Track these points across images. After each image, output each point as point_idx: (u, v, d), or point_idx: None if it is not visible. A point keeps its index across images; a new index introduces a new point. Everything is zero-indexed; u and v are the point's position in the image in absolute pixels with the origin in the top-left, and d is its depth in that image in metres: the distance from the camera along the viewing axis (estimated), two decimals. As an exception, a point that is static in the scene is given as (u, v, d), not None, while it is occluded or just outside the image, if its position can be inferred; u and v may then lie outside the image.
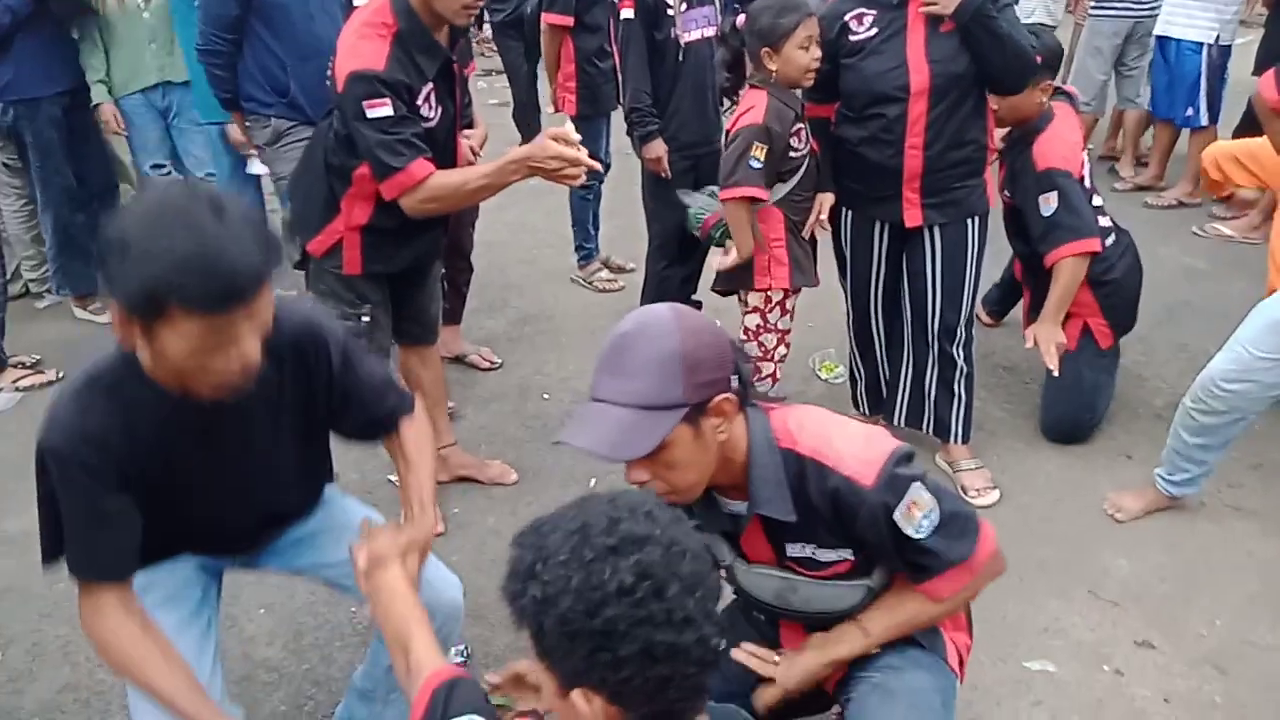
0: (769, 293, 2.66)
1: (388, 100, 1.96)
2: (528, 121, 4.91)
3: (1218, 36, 4.58)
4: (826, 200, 2.66)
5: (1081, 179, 2.81)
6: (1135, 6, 4.94)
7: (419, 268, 2.46)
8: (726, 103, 2.96)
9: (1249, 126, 4.27)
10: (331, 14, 2.91)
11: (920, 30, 2.39)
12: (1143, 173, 5.17)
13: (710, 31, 3.11)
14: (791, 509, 1.33)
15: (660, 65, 3.13)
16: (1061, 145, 2.78)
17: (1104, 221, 2.88)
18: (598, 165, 2.06)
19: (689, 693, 0.90)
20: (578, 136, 1.90)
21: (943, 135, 2.44)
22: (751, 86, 2.57)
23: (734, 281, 2.71)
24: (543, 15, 3.83)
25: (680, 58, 3.11)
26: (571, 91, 3.80)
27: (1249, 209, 4.46)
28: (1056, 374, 2.73)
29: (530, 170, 1.94)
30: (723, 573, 1.46)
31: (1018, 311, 3.41)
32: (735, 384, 1.30)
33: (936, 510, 1.30)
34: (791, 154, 2.55)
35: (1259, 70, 4.38)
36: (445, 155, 2.20)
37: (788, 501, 1.33)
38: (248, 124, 3.05)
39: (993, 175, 2.69)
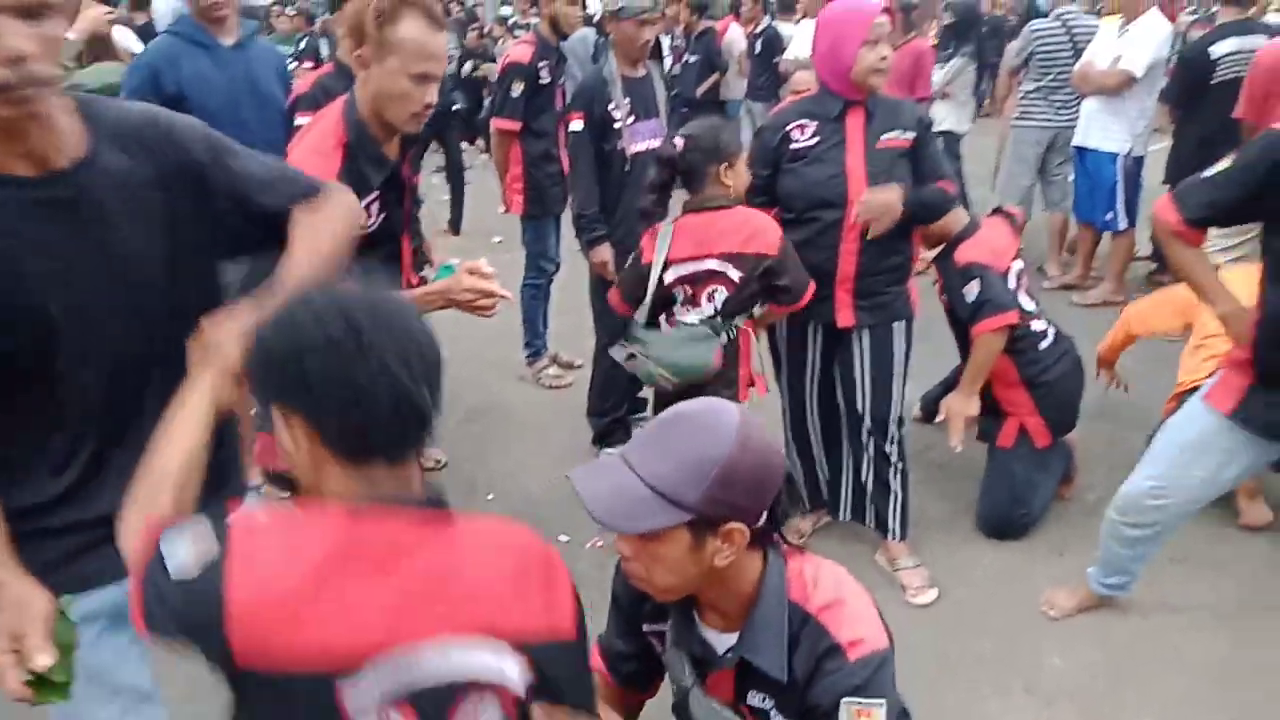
0: None
1: None
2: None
3: (1130, 148, 4.89)
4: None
5: (1005, 274, 2.96)
6: (1055, 118, 5.29)
7: None
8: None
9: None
10: (267, 122, 2.88)
11: (859, 142, 2.55)
12: (1073, 272, 5.42)
13: (655, 143, 3.24)
14: (784, 667, 1.28)
15: (607, 174, 3.26)
16: (983, 245, 2.97)
17: (1039, 325, 3.04)
18: (510, 296, 2.09)
19: (392, 440, 0.97)
20: (492, 270, 1.94)
21: (875, 241, 2.56)
22: (713, 210, 2.50)
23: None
24: (492, 120, 4.00)
25: (627, 167, 3.25)
26: (519, 192, 3.95)
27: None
28: (958, 449, 2.85)
29: (446, 302, 1.95)
30: (675, 690, 1.45)
31: None
32: (762, 520, 1.26)
33: None
34: None
35: (1168, 179, 4.68)
36: (388, 262, 2.24)
37: (783, 658, 1.28)
38: None
39: (918, 283, 2.82)
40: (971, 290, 2.89)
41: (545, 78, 3.81)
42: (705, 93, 7.48)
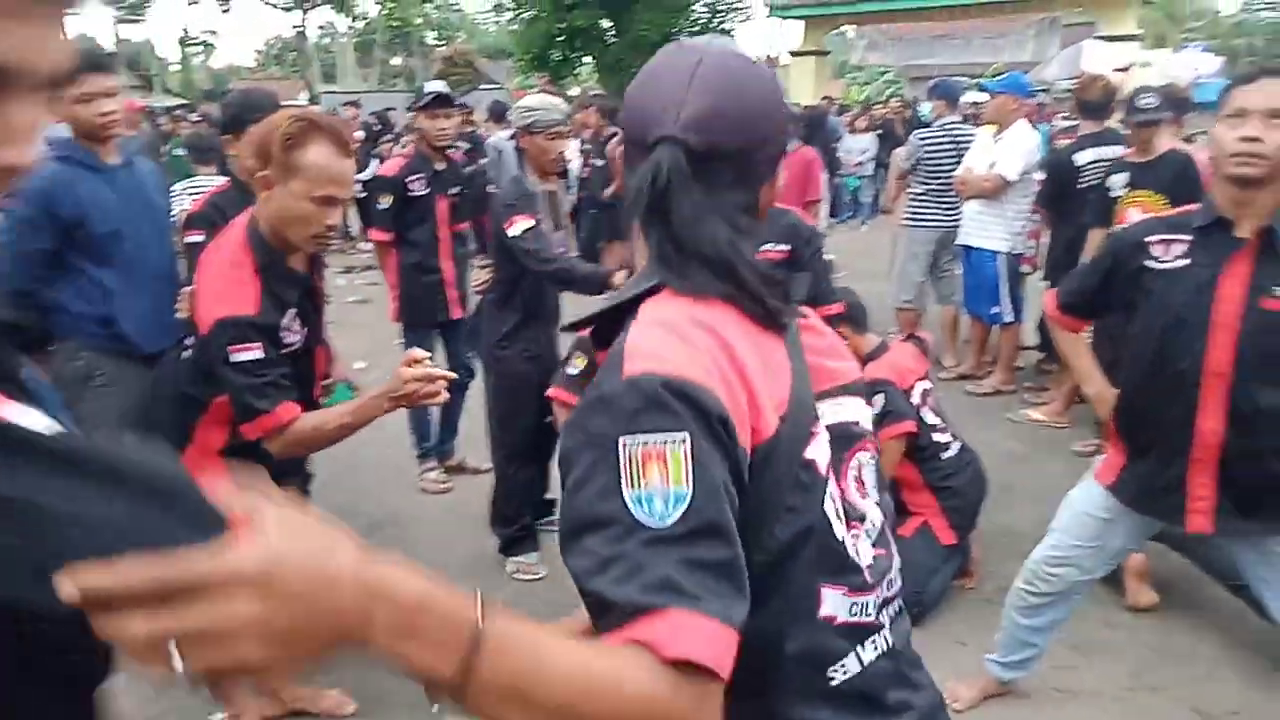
0: None
1: (258, 345, 1.95)
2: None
3: (1011, 246, 5.21)
4: None
5: (909, 392, 3.16)
6: (944, 218, 5.63)
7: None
8: None
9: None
10: (163, 240, 2.87)
11: None
12: (967, 362, 5.67)
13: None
14: None
15: (526, 282, 3.27)
16: (887, 364, 3.18)
17: (943, 437, 3.23)
18: (453, 375, 2.09)
19: None
20: (426, 354, 1.94)
21: None
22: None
23: None
24: (369, 230, 4.10)
25: None
26: (395, 300, 4.06)
27: (1056, 396, 4.93)
28: None
29: (392, 403, 1.94)
30: None
31: None
32: None
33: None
34: None
35: (1046, 275, 4.98)
36: (306, 371, 2.22)
37: None
38: (53, 355, 2.80)
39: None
40: (877, 404, 3.06)
41: (417, 190, 3.89)
42: (613, 195, 7.68)
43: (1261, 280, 1.98)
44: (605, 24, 20.57)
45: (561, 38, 20.35)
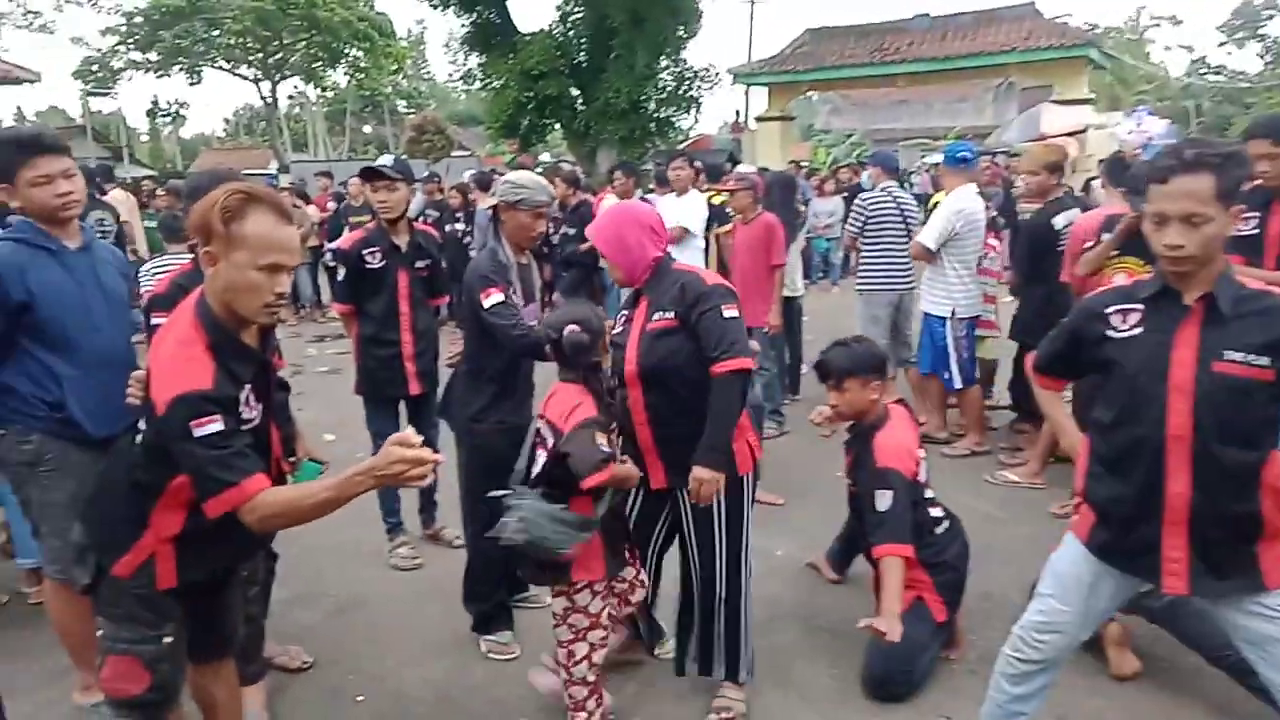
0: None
1: (217, 417, 1.91)
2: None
3: (954, 311, 5.28)
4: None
5: (915, 476, 3.10)
6: (895, 280, 5.76)
7: (229, 571, 2.32)
8: None
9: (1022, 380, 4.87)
10: (120, 324, 2.80)
11: (639, 323, 2.76)
12: (932, 422, 5.68)
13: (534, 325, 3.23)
14: None
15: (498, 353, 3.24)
16: (898, 446, 3.10)
17: (936, 512, 3.19)
18: (442, 458, 2.04)
19: None
20: (419, 438, 1.88)
21: (663, 415, 2.74)
22: (564, 381, 2.69)
23: (550, 576, 2.67)
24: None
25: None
26: (357, 372, 4.04)
27: (1031, 456, 4.94)
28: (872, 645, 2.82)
29: (377, 480, 1.87)
30: None
31: (856, 568, 3.63)
32: None
33: None
34: (610, 435, 2.67)
35: (1013, 334, 5.04)
36: (264, 449, 2.15)
37: None
38: (3, 438, 2.71)
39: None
40: (884, 499, 2.99)
41: (372, 263, 3.86)
42: (582, 255, 7.74)
43: (1209, 344, 2.04)
44: (574, 92, 20.93)
45: (531, 105, 20.64)
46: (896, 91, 19.87)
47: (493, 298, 3.13)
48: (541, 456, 2.61)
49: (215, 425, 1.89)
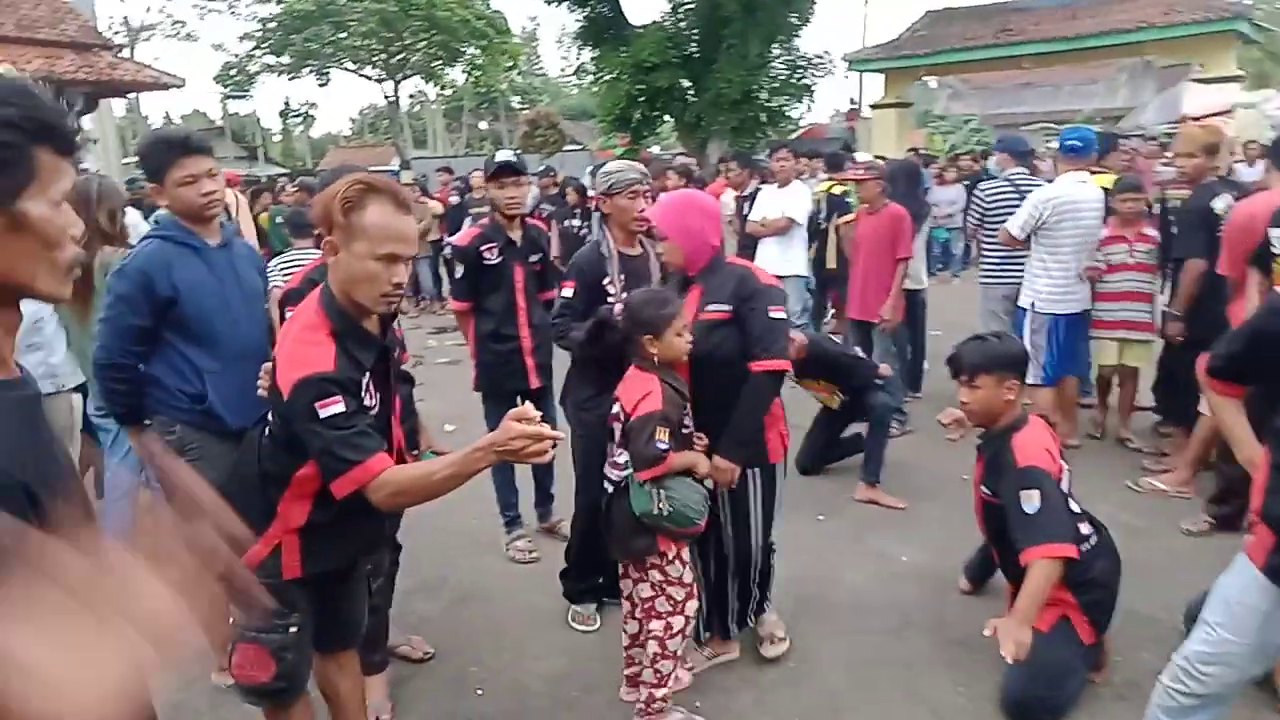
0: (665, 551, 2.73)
1: (339, 397, 1.95)
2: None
3: (1033, 303, 5.00)
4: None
5: (1060, 479, 2.85)
6: (1015, 273, 5.38)
7: (354, 563, 2.37)
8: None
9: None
10: (256, 318, 2.89)
11: (692, 312, 2.82)
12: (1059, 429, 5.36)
13: None
14: None
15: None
16: (1039, 445, 2.86)
17: (1085, 528, 2.92)
18: (560, 435, 2.03)
19: None
20: (538, 413, 1.88)
21: (707, 402, 2.79)
22: (639, 369, 2.74)
23: (639, 550, 2.71)
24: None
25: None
26: (475, 369, 4.05)
27: (1180, 463, 4.59)
28: (1010, 660, 2.61)
29: (498, 455, 1.87)
30: None
31: (994, 582, 3.43)
32: None
33: None
34: (684, 430, 2.71)
35: (1163, 330, 4.69)
36: (385, 438, 2.17)
37: None
38: (149, 429, 2.84)
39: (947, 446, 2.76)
40: (1031, 500, 2.74)
41: (491, 259, 3.87)
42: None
43: None
44: (685, 84, 20.82)
45: (642, 98, 20.64)
46: (1021, 74, 18.98)
47: (564, 291, 3.33)
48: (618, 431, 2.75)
49: (339, 406, 1.93)
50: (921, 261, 6.40)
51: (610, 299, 3.29)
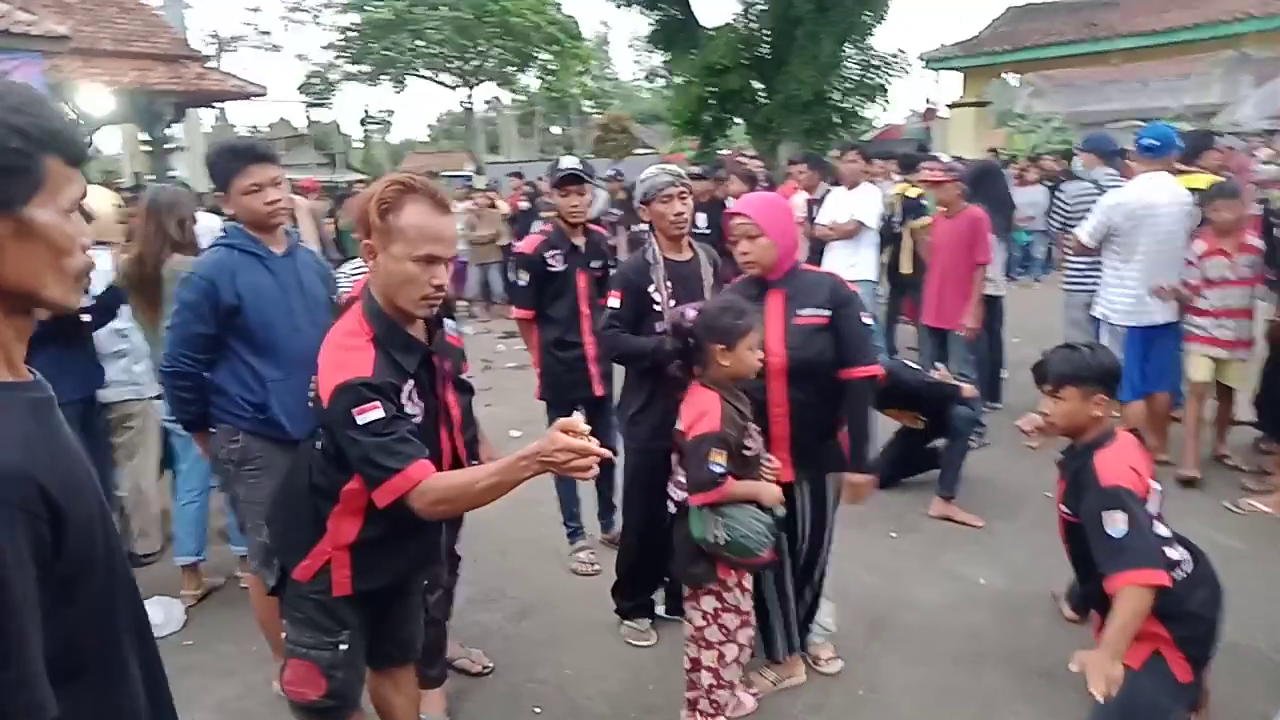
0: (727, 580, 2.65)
1: (377, 403, 1.91)
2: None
3: (1105, 315, 4.76)
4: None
5: (1146, 500, 2.57)
6: (1099, 280, 5.07)
7: (408, 580, 2.32)
8: None
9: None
10: (318, 327, 2.82)
11: (779, 317, 2.76)
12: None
13: None
14: None
15: None
16: (1124, 464, 2.59)
17: (1175, 554, 2.61)
18: (609, 453, 1.98)
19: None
20: (587, 427, 1.81)
21: (802, 409, 2.77)
22: (701, 385, 2.61)
23: (697, 576, 2.64)
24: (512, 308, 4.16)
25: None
26: (539, 377, 3.99)
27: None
28: (1102, 702, 2.42)
29: (542, 465, 1.81)
30: None
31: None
32: None
33: None
34: (745, 453, 2.58)
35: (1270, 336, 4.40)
36: (431, 449, 2.12)
37: None
38: (213, 436, 2.87)
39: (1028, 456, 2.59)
40: (1115, 523, 2.47)
41: (555, 266, 3.82)
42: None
43: None
44: (757, 85, 20.61)
45: (713, 101, 20.51)
46: (1107, 70, 18.25)
47: (611, 301, 3.28)
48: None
49: (377, 412, 1.89)
50: (999, 266, 6.16)
51: (656, 307, 3.21)
